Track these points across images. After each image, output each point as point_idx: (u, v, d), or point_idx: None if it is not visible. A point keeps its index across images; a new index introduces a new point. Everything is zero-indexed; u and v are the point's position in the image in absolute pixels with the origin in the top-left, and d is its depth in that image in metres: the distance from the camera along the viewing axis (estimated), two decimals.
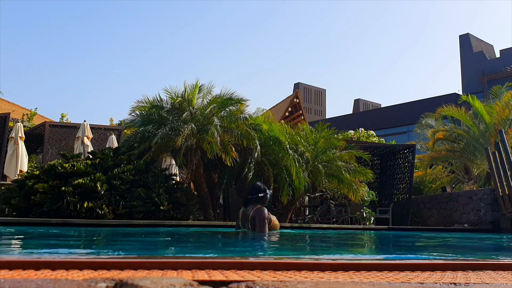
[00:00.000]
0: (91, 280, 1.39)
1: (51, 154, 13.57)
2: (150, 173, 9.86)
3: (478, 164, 16.47)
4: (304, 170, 10.93)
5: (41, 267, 1.67)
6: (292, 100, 20.52)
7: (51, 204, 8.41)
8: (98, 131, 14.49)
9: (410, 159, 15.06)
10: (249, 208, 7.01)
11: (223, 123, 10.73)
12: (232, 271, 1.74)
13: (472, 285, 1.65)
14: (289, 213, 11.96)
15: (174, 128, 10.19)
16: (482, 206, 13.30)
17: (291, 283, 1.47)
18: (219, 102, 11.10)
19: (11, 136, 12.22)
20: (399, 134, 35.76)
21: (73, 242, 5.07)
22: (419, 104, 36.98)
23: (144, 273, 1.66)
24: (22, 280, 1.33)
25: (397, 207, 14.87)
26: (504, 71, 40.09)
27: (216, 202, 12.14)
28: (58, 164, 9.18)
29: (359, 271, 1.89)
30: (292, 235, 7.58)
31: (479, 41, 45.75)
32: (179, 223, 8.85)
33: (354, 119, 42.86)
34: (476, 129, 16.42)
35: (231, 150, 10.11)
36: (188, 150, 10.36)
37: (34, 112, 19.98)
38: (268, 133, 11.15)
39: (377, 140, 21.13)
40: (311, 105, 73.21)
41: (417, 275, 1.84)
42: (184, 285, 1.36)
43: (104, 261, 1.78)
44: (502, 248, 5.97)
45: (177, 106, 10.93)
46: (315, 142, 11.98)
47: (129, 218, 8.75)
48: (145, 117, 10.97)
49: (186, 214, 10.10)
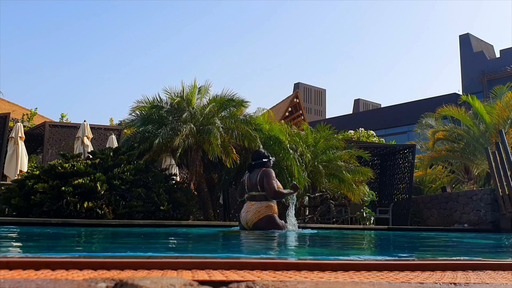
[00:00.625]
0: (91, 280, 1.39)
1: (51, 154, 13.56)
2: (150, 173, 9.86)
3: (478, 164, 16.47)
4: (303, 170, 10.93)
5: (41, 267, 1.68)
6: (292, 100, 20.54)
7: (51, 204, 8.42)
8: (98, 131, 14.49)
9: (410, 159, 15.06)
10: (254, 173, 7.11)
11: (224, 124, 10.73)
12: (232, 271, 1.74)
13: (472, 285, 1.66)
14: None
15: (173, 128, 10.20)
16: (482, 206, 13.30)
17: (291, 283, 1.47)
18: (219, 102, 11.10)
19: (11, 136, 12.22)
20: (399, 134, 35.77)
21: (73, 242, 5.07)
22: (419, 104, 37.00)
23: (144, 273, 1.66)
24: (22, 280, 1.33)
25: (397, 207, 14.87)
26: (504, 71, 40.10)
27: (216, 202, 12.14)
28: (58, 164, 9.18)
29: (359, 271, 1.89)
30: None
31: (479, 41, 45.76)
32: (179, 223, 8.84)
33: (354, 119, 42.87)
34: (476, 129, 16.42)
35: (232, 152, 10.09)
36: (188, 150, 10.36)
37: (34, 112, 19.98)
38: (269, 133, 11.15)
39: (377, 140, 21.13)
40: (311, 105, 73.20)
41: (417, 275, 1.84)
42: (184, 285, 1.36)
43: (104, 261, 1.78)
44: (502, 248, 5.97)
45: (176, 106, 10.93)
46: (315, 142, 11.98)
47: (129, 218, 8.75)
48: (145, 117, 10.97)
49: (186, 214, 10.10)
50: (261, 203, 7.04)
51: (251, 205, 7.12)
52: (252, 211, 7.01)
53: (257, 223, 6.97)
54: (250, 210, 7.05)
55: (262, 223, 6.94)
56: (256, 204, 7.05)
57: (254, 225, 6.98)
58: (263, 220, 6.95)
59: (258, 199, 7.08)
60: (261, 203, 7.04)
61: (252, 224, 6.99)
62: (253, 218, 6.98)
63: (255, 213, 6.98)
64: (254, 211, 7.00)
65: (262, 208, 7.00)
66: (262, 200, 7.06)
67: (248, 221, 7.03)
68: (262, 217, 6.96)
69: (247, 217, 7.06)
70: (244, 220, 7.13)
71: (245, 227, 7.11)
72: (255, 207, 7.04)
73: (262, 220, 6.95)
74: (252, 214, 7.00)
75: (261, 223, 6.95)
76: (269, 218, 6.98)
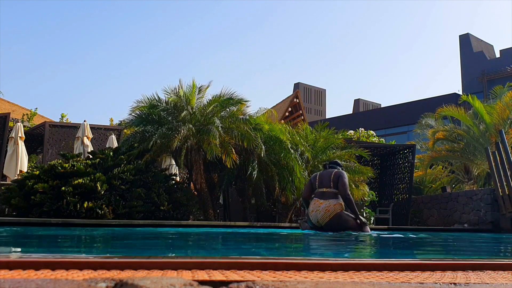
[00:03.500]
0: (91, 280, 1.39)
1: (51, 154, 13.56)
2: (150, 173, 9.86)
3: (478, 164, 16.47)
4: (304, 170, 10.95)
5: (41, 267, 1.67)
6: (292, 100, 20.53)
7: (51, 204, 8.42)
8: (98, 131, 14.49)
9: (410, 159, 15.06)
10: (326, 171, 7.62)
11: (224, 124, 10.73)
12: (232, 271, 1.74)
13: (472, 285, 1.65)
14: (289, 213, 11.96)
15: (172, 128, 10.19)
16: (482, 206, 13.30)
17: (291, 283, 1.47)
18: (219, 102, 11.09)
19: (11, 136, 12.22)
20: (399, 134, 35.77)
21: (73, 242, 5.07)
22: (419, 104, 37.00)
23: (144, 273, 1.66)
24: (22, 280, 1.33)
25: (397, 207, 14.87)
26: (504, 71, 40.08)
27: (216, 202, 12.14)
28: (58, 164, 9.19)
29: (359, 271, 1.89)
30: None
31: (479, 41, 45.75)
32: (179, 223, 8.85)
33: (354, 119, 42.87)
34: (476, 129, 16.42)
35: (232, 152, 10.08)
36: (188, 150, 10.36)
37: (34, 112, 19.97)
38: (269, 133, 11.15)
39: (377, 140, 21.13)
40: (311, 105, 73.19)
41: (417, 275, 1.84)
42: (184, 285, 1.36)
43: (104, 261, 1.78)
44: (502, 248, 5.97)
45: (172, 105, 10.92)
46: (315, 141, 11.99)
47: (129, 218, 8.75)
48: (144, 117, 10.97)
49: (186, 214, 10.10)
50: (329, 201, 7.34)
51: (319, 203, 7.40)
52: (322, 210, 7.32)
53: (330, 221, 7.30)
54: (319, 209, 7.35)
55: (335, 220, 7.28)
56: (325, 202, 7.35)
57: (327, 224, 7.30)
58: (334, 218, 7.28)
59: (326, 196, 7.40)
60: (329, 201, 7.34)
61: (325, 222, 7.31)
62: (325, 217, 7.30)
63: (325, 212, 7.31)
64: (324, 210, 7.31)
65: (331, 206, 7.32)
66: (330, 198, 7.36)
67: (319, 220, 7.35)
68: (333, 215, 7.28)
69: (317, 216, 7.36)
70: (315, 219, 7.41)
71: (317, 225, 7.39)
72: (324, 205, 7.33)
73: (334, 218, 7.28)
74: (323, 213, 7.32)
75: (334, 221, 7.29)
76: (340, 215, 7.33)
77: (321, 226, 7.33)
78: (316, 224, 7.40)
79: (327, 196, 7.38)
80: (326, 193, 7.39)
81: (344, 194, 7.34)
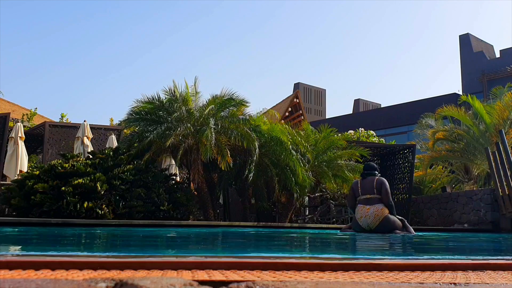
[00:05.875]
0: (91, 280, 1.39)
1: (51, 154, 13.56)
2: (150, 173, 9.86)
3: (478, 164, 16.46)
4: (307, 170, 10.96)
5: (41, 267, 1.67)
6: (292, 100, 20.53)
7: (51, 204, 8.42)
8: (98, 131, 14.49)
9: (410, 159, 15.06)
10: (367, 180, 8.14)
11: (224, 124, 10.71)
12: (232, 271, 1.74)
13: (472, 285, 1.66)
14: (289, 213, 11.96)
15: (171, 127, 10.18)
16: (482, 206, 13.29)
17: (291, 283, 1.47)
18: (220, 102, 11.08)
19: (11, 136, 12.21)
20: (399, 134, 35.75)
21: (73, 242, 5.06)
22: (419, 104, 36.97)
23: (144, 273, 1.66)
24: (22, 280, 1.33)
25: (397, 207, 14.82)
26: (504, 71, 40.06)
27: (216, 202, 12.14)
28: (58, 164, 9.19)
29: (359, 271, 1.89)
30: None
31: (479, 41, 45.73)
32: (179, 223, 8.85)
33: (354, 119, 42.84)
34: (476, 129, 16.41)
35: (227, 154, 10.00)
36: (186, 150, 10.35)
37: (34, 112, 19.96)
38: (269, 134, 11.14)
39: (377, 140, 21.13)
40: (311, 105, 73.15)
41: (417, 275, 1.84)
42: (184, 285, 1.36)
43: (104, 261, 1.78)
44: (502, 248, 5.97)
45: (168, 105, 10.92)
46: (316, 141, 11.99)
47: (129, 218, 8.75)
48: (143, 117, 10.97)
49: (186, 214, 10.11)
50: (375, 206, 7.87)
51: (366, 209, 7.89)
52: (371, 215, 7.83)
53: (380, 224, 7.81)
54: (368, 214, 7.86)
55: (384, 223, 7.81)
56: (372, 208, 7.87)
57: (378, 226, 7.82)
58: (384, 221, 7.80)
59: (372, 202, 7.92)
60: (375, 206, 7.87)
61: (375, 226, 7.83)
62: (375, 221, 7.82)
63: (374, 217, 7.82)
64: (373, 215, 7.83)
65: (379, 210, 7.86)
66: (376, 203, 7.89)
67: (369, 224, 7.86)
68: (382, 219, 7.80)
69: (368, 220, 7.86)
70: (365, 224, 7.90)
71: (366, 229, 7.90)
72: (372, 211, 7.84)
73: (383, 222, 7.80)
74: (372, 217, 7.82)
75: (383, 224, 7.81)
76: (388, 218, 7.84)
77: (370, 229, 7.86)
78: (366, 228, 7.91)
79: (372, 202, 7.93)
80: (371, 199, 7.95)
81: (387, 201, 7.94)
